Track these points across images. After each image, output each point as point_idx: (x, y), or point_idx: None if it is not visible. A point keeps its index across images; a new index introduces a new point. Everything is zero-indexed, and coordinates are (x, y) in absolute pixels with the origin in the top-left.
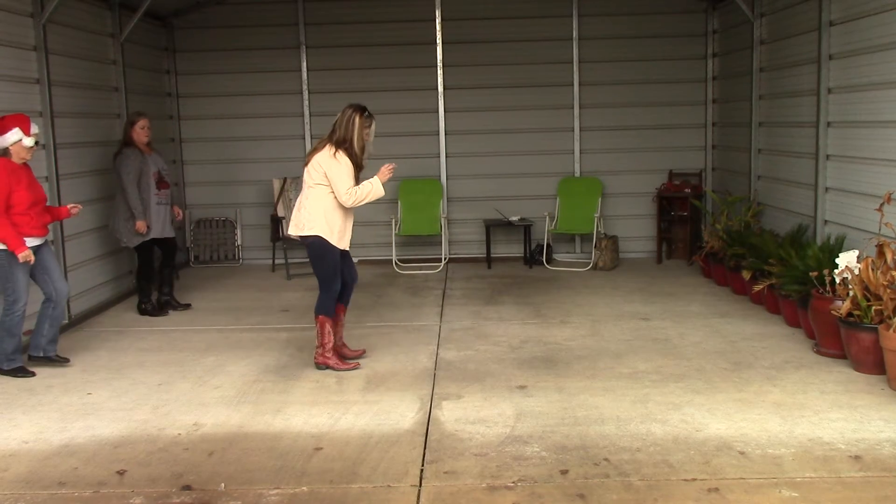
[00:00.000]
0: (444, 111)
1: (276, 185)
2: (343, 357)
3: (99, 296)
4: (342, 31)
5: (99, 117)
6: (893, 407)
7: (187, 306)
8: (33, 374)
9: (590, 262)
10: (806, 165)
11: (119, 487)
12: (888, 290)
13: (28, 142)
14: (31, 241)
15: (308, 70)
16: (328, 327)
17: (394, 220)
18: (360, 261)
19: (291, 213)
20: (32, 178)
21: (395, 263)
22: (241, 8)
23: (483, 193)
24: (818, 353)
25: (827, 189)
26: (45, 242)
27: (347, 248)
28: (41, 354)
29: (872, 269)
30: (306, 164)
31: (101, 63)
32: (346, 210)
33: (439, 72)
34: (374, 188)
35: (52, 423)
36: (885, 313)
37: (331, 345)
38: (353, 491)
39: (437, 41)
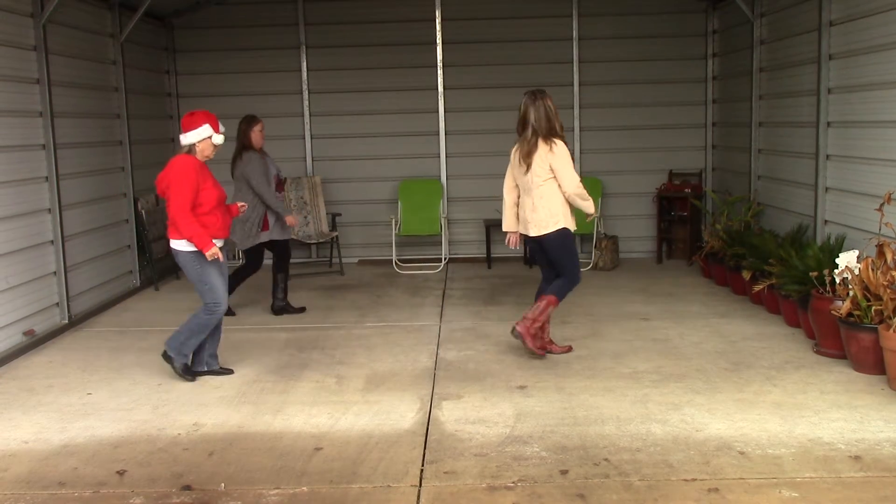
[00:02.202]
0: (444, 111)
1: None
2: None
3: (99, 296)
4: (342, 31)
5: (99, 117)
6: (893, 407)
7: (302, 310)
8: (194, 379)
9: (590, 263)
10: (806, 165)
11: (119, 487)
12: (888, 290)
13: (218, 139)
14: (216, 243)
15: (308, 70)
16: (550, 310)
17: (394, 220)
18: (360, 261)
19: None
20: (213, 176)
21: (395, 263)
22: (241, 8)
23: (483, 193)
24: (818, 353)
25: (827, 189)
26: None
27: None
28: (205, 369)
29: (872, 269)
30: (527, 167)
31: (101, 63)
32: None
33: (439, 72)
34: (589, 201)
35: (52, 423)
36: (885, 313)
37: (538, 325)
38: (353, 491)
39: (437, 41)
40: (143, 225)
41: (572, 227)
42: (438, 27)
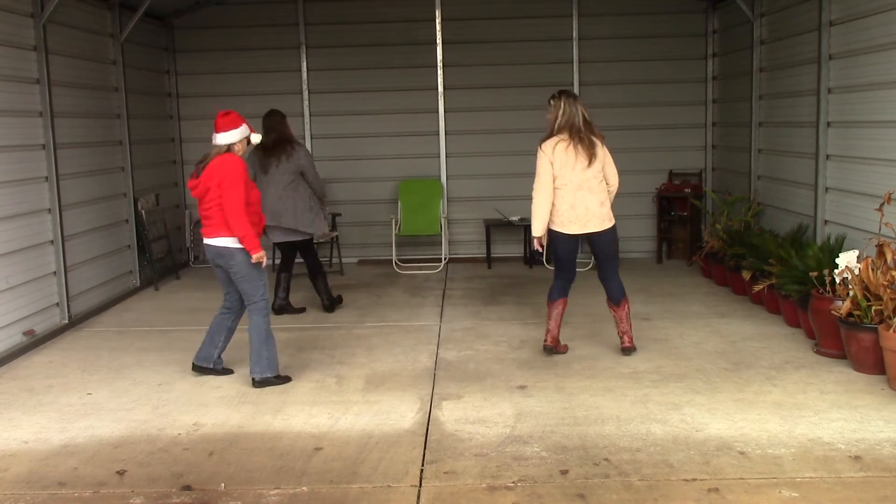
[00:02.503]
0: (444, 111)
1: None
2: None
3: (99, 296)
4: (342, 31)
5: (99, 117)
6: (893, 407)
7: (302, 310)
8: (290, 378)
9: (590, 263)
10: (806, 165)
11: (119, 487)
12: (888, 290)
13: (255, 138)
14: None
15: (308, 70)
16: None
17: (394, 220)
18: (360, 261)
19: (578, 213)
20: None
21: (395, 263)
22: (241, 8)
23: (483, 193)
24: (818, 353)
25: (827, 189)
26: None
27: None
28: (210, 366)
29: (872, 269)
30: (590, 161)
31: (101, 63)
32: None
33: (439, 72)
34: None
35: (52, 423)
36: (885, 313)
37: (631, 326)
38: (353, 491)
39: (437, 41)
40: (143, 225)
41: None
42: (438, 27)
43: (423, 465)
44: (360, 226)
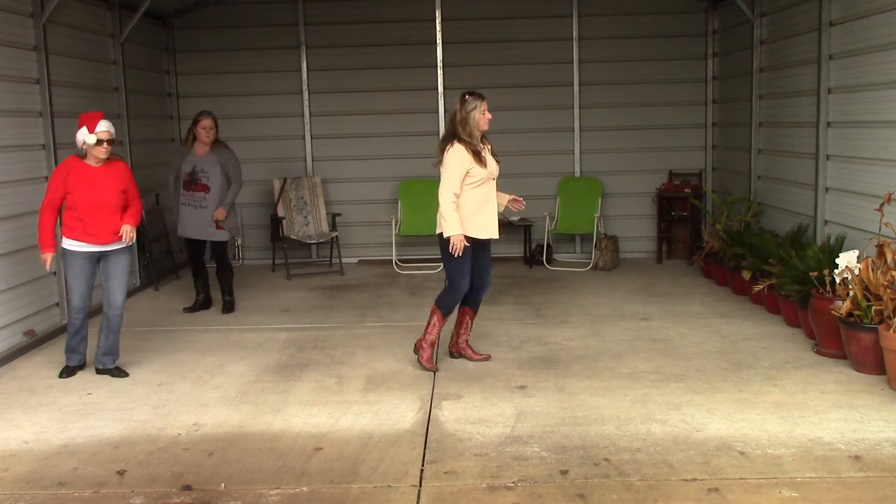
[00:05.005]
0: (444, 111)
1: (276, 185)
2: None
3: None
4: (342, 31)
5: None
6: (893, 407)
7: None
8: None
9: (590, 263)
10: (806, 165)
11: (119, 487)
12: (888, 290)
13: (91, 139)
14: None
15: (308, 70)
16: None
17: (394, 220)
18: (360, 261)
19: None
20: (102, 179)
21: (395, 263)
22: (241, 8)
23: None
24: (818, 353)
25: (827, 189)
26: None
27: (484, 237)
28: (99, 367)
29: (872, 269)
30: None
31: (101, 63)
32: (478, 197)
33: (439, 72)
34: (449, 221)
35: (52, 423)
36: (885, 313)
37: (432, 338)
38: (353, 491)
39: (437, 41)
40: (143, 225)
41: (446, 231)
42: (438, 27)
43: (423, 465)
44: (360, 226)
